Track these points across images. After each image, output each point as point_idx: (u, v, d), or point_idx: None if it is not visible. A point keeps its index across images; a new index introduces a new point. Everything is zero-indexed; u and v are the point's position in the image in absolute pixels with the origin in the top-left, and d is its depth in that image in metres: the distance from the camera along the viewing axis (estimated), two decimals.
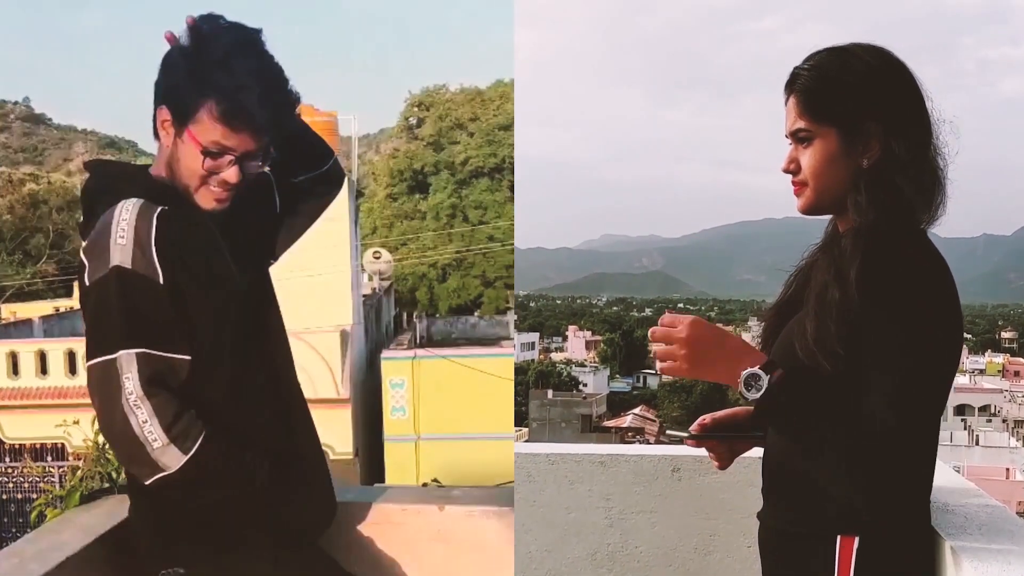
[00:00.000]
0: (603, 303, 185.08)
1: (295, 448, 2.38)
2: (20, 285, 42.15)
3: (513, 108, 47.44)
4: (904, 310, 1.79)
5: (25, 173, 54.24)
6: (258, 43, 2.20)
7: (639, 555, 3.27)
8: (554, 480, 3.30)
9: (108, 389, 2.06)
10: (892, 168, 1.91)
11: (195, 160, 2.16)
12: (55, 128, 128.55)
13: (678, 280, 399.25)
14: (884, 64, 1.97)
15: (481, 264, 45.44)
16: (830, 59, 2.00)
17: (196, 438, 2.09)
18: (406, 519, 2.74)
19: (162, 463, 2.06)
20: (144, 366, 2.06)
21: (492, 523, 2.70)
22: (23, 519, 18.20)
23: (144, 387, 2.05)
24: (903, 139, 1.92)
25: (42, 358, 20.07)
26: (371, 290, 27.36)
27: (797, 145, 2.01)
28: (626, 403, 65.76)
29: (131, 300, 2.06)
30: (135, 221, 2.08)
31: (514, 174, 46.88)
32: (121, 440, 2.08)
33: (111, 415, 2.06)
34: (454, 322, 33.22)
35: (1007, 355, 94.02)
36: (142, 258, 2.06)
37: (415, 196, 48.10)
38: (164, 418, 2.06)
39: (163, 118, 2.19)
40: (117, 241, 2.06)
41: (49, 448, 19.54)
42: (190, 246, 2.15)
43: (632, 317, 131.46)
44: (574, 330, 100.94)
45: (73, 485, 2.73)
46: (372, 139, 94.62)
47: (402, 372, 20.94)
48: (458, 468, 18.57)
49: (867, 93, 1.94)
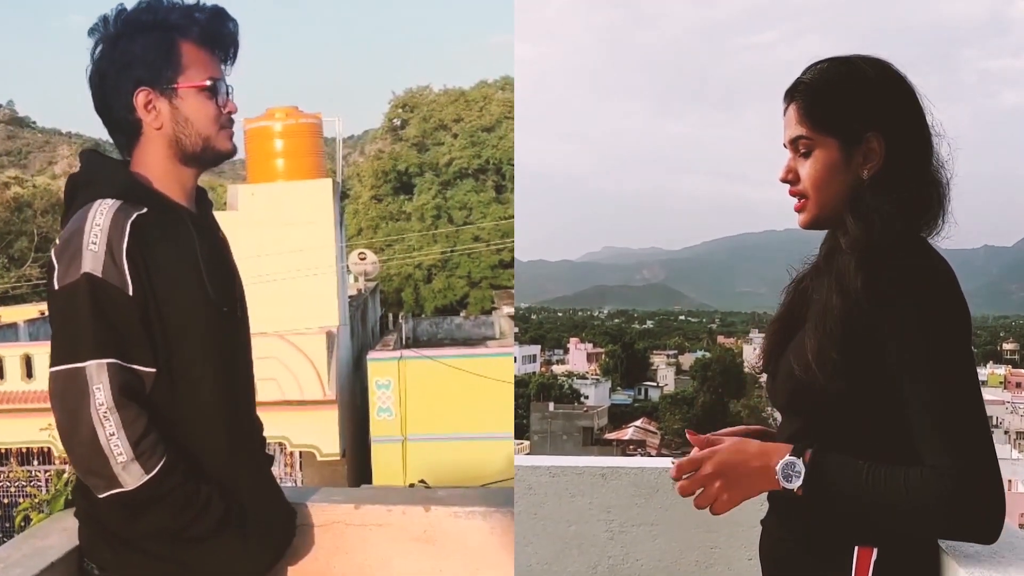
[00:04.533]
0: (604, 315, 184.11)
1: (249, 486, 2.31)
2: (5, 289, 41.92)
3: (496, 109, 47.32)
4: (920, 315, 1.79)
5: (9, 176, 53.92)
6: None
7: (640, 568, 3.26)
8: (555, 493, 3.30)
9: (74, 397, 2.02)
10: (892, 179, 1.90)
11: (204, 107, 2.19)
12: (39, 131, 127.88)
13: (680, 292, 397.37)
14: (886, 75, 1.96)
15: (466, 265, 45.42)
16: (833, 69, 1.99)
17: (160, 458, 2.06)
18: (391, 520, 2.73)
19: (121, 479, 2.02)
20: (115, 376, 2.03)
21: (478, 524, 2.70)
22: (9, 523, 18.10)
23: (116, 398, 2.02)
24: (904, 150, 1.92)
25: (27, 362, 19.98)
26: (357, 291, 27.29)
27: (796, 155, 2.01)
28: (628, 415, 65.45)
29: (101, 309, 2.03)
30: (108, 227, 2.05)
31: (500, 176, 46.84)
32: (84, 450, 2.03)
33: (75, 424, 2.02)
34: (440, 323, 33.20)
35: (1009, 367, 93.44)
36: (113, 267, 2.03)
37: (400, 197, 48.09)
38: (132, 433, 2.02)
39: (145, 100, 2.17)
40: (89, 247, 2.03)
41: (35, 452, 19.46)
42: (162, 257, 2.11)
43: (634, 329, 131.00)
44: (575, 342, 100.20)
45: (58, 489, 2.72)
46: (356, 140, 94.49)
47: (388, 373, 20.90)
48: (445, 469, 18.57)
49: (869, 103, 1.93)
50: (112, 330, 2.04)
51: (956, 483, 1.74)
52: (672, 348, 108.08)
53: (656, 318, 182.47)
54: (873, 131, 1.92)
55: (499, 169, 46.79)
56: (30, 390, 19.61)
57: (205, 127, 2.20)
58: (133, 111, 2.18)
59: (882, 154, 1.92)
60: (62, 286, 2.05)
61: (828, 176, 1.96)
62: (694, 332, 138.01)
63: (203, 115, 2.19)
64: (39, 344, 21.15)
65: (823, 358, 1.87)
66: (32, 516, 2.73)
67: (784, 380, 2.02)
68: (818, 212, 1.99)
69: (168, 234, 2.15)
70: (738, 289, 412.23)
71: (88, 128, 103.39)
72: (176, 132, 2.19)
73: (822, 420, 1.94)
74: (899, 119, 1.95)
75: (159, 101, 2.17)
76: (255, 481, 2.36)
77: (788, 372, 1.98)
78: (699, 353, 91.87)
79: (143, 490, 2.04)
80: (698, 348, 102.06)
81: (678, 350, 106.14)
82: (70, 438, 2.05)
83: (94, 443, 2.01)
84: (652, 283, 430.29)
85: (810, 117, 1.97)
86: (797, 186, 2.01)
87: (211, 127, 2.21)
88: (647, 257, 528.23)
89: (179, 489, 2.10)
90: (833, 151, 1.95)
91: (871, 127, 1.93)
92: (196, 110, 2.19)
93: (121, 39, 2.17)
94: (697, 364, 78.00)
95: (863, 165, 1.94)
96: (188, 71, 2.17)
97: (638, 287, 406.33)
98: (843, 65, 1.99)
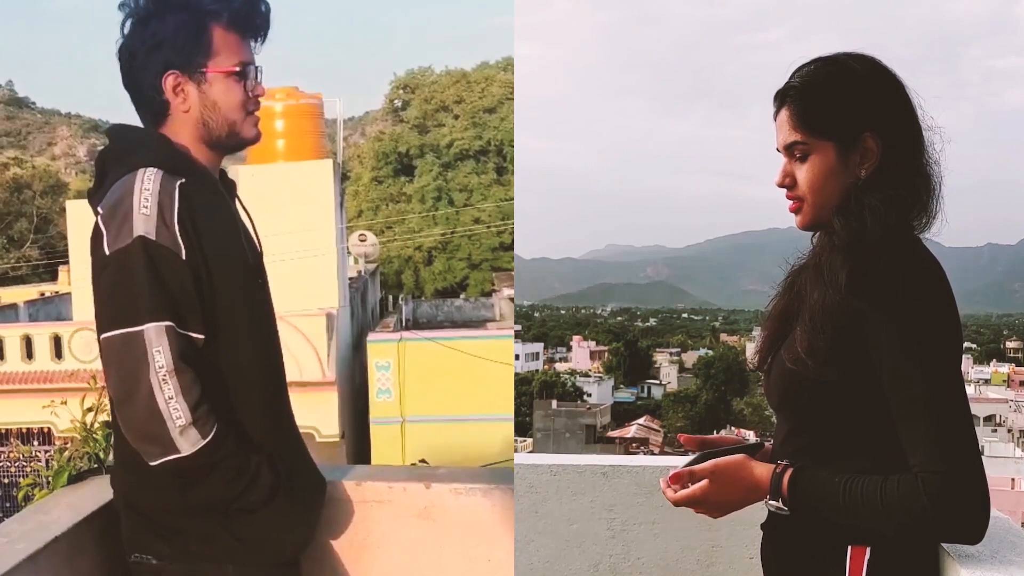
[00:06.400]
0: (607, 313, 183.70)
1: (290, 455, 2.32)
2: (4, 270, 41.94)
3: (498, 91, 47.23)
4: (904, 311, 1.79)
5: (8, 157, 53.92)
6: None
7: (641, 567, 3.27)
8: (556, 491, 3.30)
9: (132, 361, 2.00)
10: (886, 175, 1.90)
11: (232, 93, 2.18)
12: (39, 112, 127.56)
13: (683, 290, 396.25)
14: (875, 72, 1.95)
15: (466, 247, 45.42)
16: (821, 70, 1.98)
17: (214, 425, 2.06)
18: (392, 496, 2.74)
19: (179, 443, 2.01)
20: (174, 340, 2.02)
21: (478, 500, 2.71)
22: (10, 503, 18.15)
23: (176, 362, 2.00)
24: (897, 146, 1.92)
25: (27, 343, 19.99)
26: (357, 273, 27.27)
27: (791, 159, 2.00)
28: (630, 413, 65.42)
29: (157, 272, 2.01)
30: (158, 191, 2.04)
31: (502, 157, 46.77)
32: (141, 414, 2.01)
33: (134, 388, 2.00)
34: (440, 305, 33.19)
35: (1012, 365, 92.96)
36: (166, 230, 2.02)
37: (400, 179, 48.07)
38: (191, 397, 2.01)
39: (175, 83, 2.16)
40: (141, 211, 2.02)
41: (35, 433, 19.48)
42: (209, 222, 2.12)
43: (637, 327, 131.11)
44: (578, 340, 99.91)
45: (61, 465, 2.72)
46: (357, 122, 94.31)
47: (388, 355, 20.90)
48: (444, 450, 18.58)
49: (862, 103, 1.93)
50: (168, 294, 2.03)
51: (940, 484, 1.75)
52: (675, 346, 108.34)
53: (659, 316, 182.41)
54: (868, 130, 1.92)
55: (500, 151, 46.74)
56: (30, 370, 19.63)
57: (232, 112, 2.20)
58: (161, 92, 2.18)
59: (878, 152, 1.92)
60: (114, 251, 2.03)
61: (826, 180, 1.96)
62: (697, 330, 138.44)
63: (231, 100, 2.19)
64: (39, 325, 21.18)
65: (813, 349, 1.88)
66: (35, 493, 2.73)
67: (777, 377, 2.03)
68: (815, 214, 1.99)
69: (210, 202, 2.16)
70: (741, 287, 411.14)
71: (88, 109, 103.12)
72: (204, 116, 2.19)
73: (815, 417, 1.96)
74: (891, 115, 1.94)
75: (188, 85, 2.17)
76: (294, 449, 2.37)
77: (781, 369, 2.00)
78: (702, 351, 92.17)
79: (198, 456, 2.04)
80: (701, 346, 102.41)
81: (681, 348, 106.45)
82: (126, 403, 2.04)
83: (152, 407, 1.99)
84: (655, 281, 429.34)
85: (804, 122, 1.96)
86: (795, 190, 2.00)
87: (238, 112, 2.21)
88: (650, 255, 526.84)
89: (232, 457, 2.10)
90: (830, 154, 1.95)
91: (866, 126, 1.92)
92: (224, 94, 2.18)
93: (152, 19, 2.15)
94: (700, 362, 78.27)
95: (860, 165, 1.93)
96: (218, 56, 2.16)
97: (641, 285, 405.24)
98: (831, 65, 1.98)
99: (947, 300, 1.84)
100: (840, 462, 1.90)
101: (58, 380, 18.36)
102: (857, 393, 1.87)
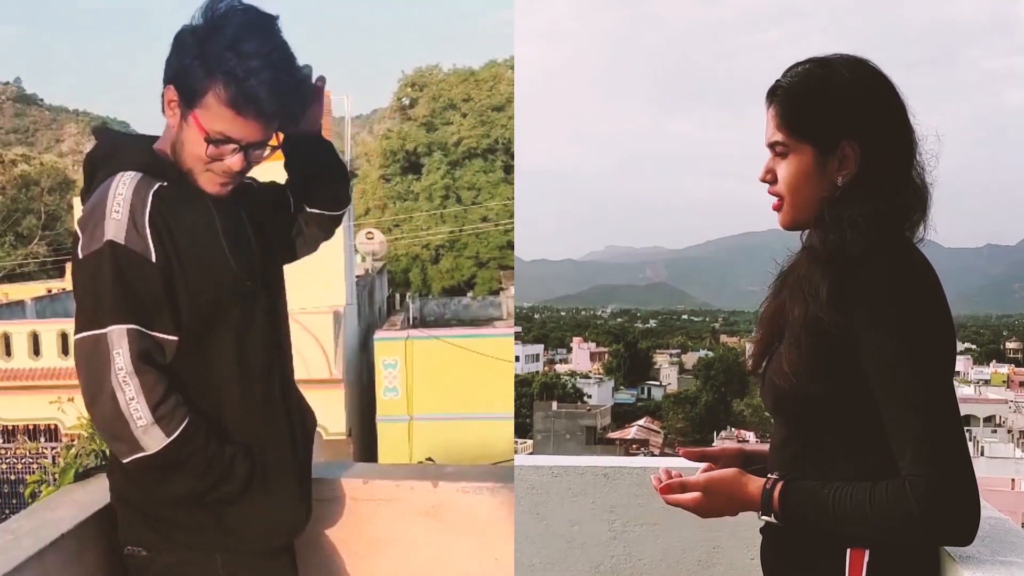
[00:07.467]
0: (608, 314, 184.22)
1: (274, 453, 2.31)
2: (12, 267, 42.07)
3: (506, 89, 47.28)
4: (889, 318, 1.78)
5: (16, 154, 54.01)
6: (272, 27, 2.13)
7: (642, 568, 3.27)
8: (557, 492, 3.30)
9: (96, 363, 2.05)
10: (868, 186, 1.88)
11: (199, 146, 2.12)
12: (47, 109, 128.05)
13: (683, 291, 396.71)
14: (864, 78, 1.93)
15: (474, 245, 45.45)
16: (809, 73, 1.97)
17: (180, 422, 2.08)
18: (400, 495, 2.74)
19: (143, 443, 2.06)
20: (135, 342, 2.05)
21: (486, 499, 2.71)
22: (17, 500, 18.19)
23: (135, 363, 2.04)
24: (881, 155, 1.90)
25: (35, 339, 20.04)
26: (364, 271, 27.32)
27: (774, 156, 2.00)
28: (631, 415, 65.74)
29: (123, 276, 2.04)
30: (131, 196, 2.06)
31: (509, 156, 46.78)
32: (105, 415, 2.06)
33: (98, 389, 2.06)
34: (447, 303, 33.20)
35: (1012, 365, 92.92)
36: (136, 234, 2.05)
37: (408, 177, 48.09)
38: (152, 397, 2.05)
39: (170, 98, 2.15)
40: (112, 215, 2.05)
41: (42, 429, 19.53)
42: (184, 226, 2.12)
43: (637, 328, 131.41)
44: (579, 342, 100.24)
45: (68, 462, 2.73)
46: (365, 119, 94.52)
47: (395, 352, 20.95)
48: (451, 448, 18.60)
49: (844, 110, 1.91)
50: (133, 296, 2.06)
51: (926, 487, 1.74)
52: (675, 347, 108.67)
53: (659, 317, 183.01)
54: (848, 139, 1.90)
55: (508, 149, 46.76)
56: (37, 367, 19.69)
57: (191, 162, 2.16)
58: (163, 96, 2.18)
59: (857, 161, 1.90)
60: (86, 254, 2.07)
61: (802, 181, 1.95)
62: (697, 331, 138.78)
63: (193, 153, 2.15)
64: (46, 322, 21.22)
65: (796, 366, 1.88)
66: (42, 490, 2.74)
67: (768, 386, 2.02)
68: (794, 214, 1.99)
69: (189, 206, 2.15)
70: (741, 288, 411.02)
71: (95, 106, 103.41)
72: (176, 141, 2.17)
73: (807, 425, 1.95)
74: (876, 124, 1.92)
75: (177, 108, 2.15)
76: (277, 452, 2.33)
77: (771, 379, 2.00)
78: (702, 352, 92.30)
79: (164, 454, 2.07)
80: (701, 347, 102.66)
81: (681, 349, 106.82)
82: (93, 403, 2.08)
83: (115, 408, 2.04)
84: (655, 282, 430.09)
85: (785, 123, 1.96)
86: (775, 187, 2.00)
87: (197, 165, 2.16)
88: (650, 256, 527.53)
89: (201, 452, 2.13)
90: (807, 157, 1.94)
91: (845, 135, 1.90)
92: (191, 143, 2.14)
93: (198, 33, 2.10)
94: (700, 363, 78.40)
95: (837, 172, 1.92)
96: (205, 111, 2.10)
97: (641, 286, 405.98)
98: (821, 68, 1.96)
99: (936, 304, 1.83)
100: (835, 467, 1.90)
101: (65, 377, 18.38)
102: (848, 402, 1.86)
